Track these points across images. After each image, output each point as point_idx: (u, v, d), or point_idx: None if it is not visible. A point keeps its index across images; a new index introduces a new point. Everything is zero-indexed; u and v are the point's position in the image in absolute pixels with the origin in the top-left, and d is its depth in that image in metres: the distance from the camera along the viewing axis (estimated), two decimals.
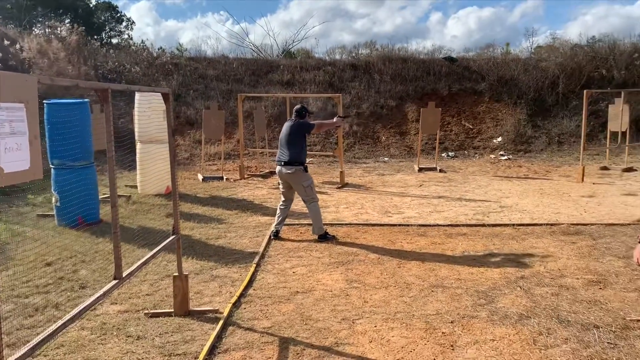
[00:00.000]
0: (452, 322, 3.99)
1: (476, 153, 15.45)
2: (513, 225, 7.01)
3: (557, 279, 4.90)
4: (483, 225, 7.05)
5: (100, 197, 7.83)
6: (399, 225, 7.10)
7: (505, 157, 14.51)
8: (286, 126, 6.54)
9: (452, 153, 15.32)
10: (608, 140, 12.61)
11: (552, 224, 7.00)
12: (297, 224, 7.21)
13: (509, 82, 17.94)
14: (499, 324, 3.93)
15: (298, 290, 4.71)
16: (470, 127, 16.78)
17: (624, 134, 11.92)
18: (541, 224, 7.02)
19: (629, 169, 11.73)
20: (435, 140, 13.87)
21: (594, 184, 10.22)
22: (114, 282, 3.26)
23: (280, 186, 6.66)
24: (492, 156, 14.84)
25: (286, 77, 18.48)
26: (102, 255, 5.80)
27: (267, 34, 27.32)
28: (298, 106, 6.62)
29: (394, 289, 4.72)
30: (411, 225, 7.08)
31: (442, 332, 3.82)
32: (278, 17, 41.49)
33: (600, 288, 4.63)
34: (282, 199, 6.64)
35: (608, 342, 3.58)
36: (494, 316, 4.08)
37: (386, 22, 42.70)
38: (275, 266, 5.44)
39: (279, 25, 49.01)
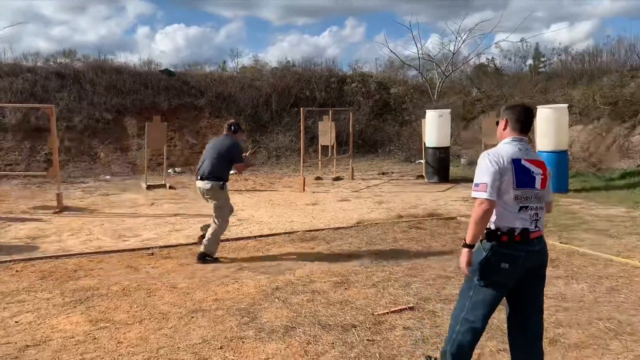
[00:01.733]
0: (221, 348, 3.74)
1: None
2: (255, 237, 7.14)
3: (308, 284, 5.11)
4: (227, 240, 6.97)
5: None
6: (139, 249, 6.49)
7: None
8: (218, 141, 6.12)
9: (179, 169, 15.01)
10: (319, 153, 14.13)
11: (289, 233, 7.36)
12: (9, 261, 5.91)
13: (227, 99, 18.57)
14: (269, 340, 3.85)
15: (28, 344, 3.78)
16: (194, 142, 16.74)
17: (332, 147, 13.52)
18: (280, 234, 7.33)
19: (338, 178, 13.36)
20: (161, 155, 13.35)
21: (313, 192, 11.26)
22: None
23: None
24: None
25: None
26: None
27: None
28: (231, 121, 6.28)
29: (149, 322, 4.21)
30: (153, 247, 6.55)
31: None
32: None
33: (346, 288, 5.00)
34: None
35: (368, 340, 3.84)
36: (262, 333, 3.98)
37: (89, 31, 39.80)
38: None
39: None
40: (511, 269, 2.87)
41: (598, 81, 14.88)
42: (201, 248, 5.92)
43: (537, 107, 10.94)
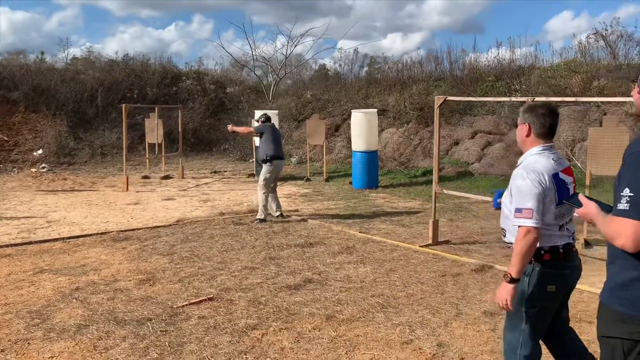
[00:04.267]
0: (2, 351, 3.64)
1: (15, 167, 14.14)
2: (63, 239, 6.85)
3: (112, 283, 5.11)
4: (30, 243, 6.61)
5: None
6: None
7: (47, 169, 13.84)
8: (275, 129, 8.24)
9: None
10: (147, 151, 13.77)
11: (102, 233, 7.18)
12: None
13: (46, 92, 17.16)
14: (57, 340, 3.83)
15: None
16: (6, 139, 15.21)
17: (160, 145, 13.28)
18: (91, 234, 7.12)
19: (167, 177, 13.17)
20: None
21: (137, 192, 11.00)
22: None
23: (270, 176, 7.89)
24: (34, 170, 13.91)
25: None
26: None
27: None
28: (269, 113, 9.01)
29: None
30: None
31: None
32: None
33: (151, 285, 5.10)
34: (272, 185, 8.02)
35: (161, 331, 4.01)
36: (51, 333, 3.94)
37: None
38: None
39: None
40: (558, 290, 2.66)
41: (408, 89, 16.65)
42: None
43: (352, 111, 11.99)
